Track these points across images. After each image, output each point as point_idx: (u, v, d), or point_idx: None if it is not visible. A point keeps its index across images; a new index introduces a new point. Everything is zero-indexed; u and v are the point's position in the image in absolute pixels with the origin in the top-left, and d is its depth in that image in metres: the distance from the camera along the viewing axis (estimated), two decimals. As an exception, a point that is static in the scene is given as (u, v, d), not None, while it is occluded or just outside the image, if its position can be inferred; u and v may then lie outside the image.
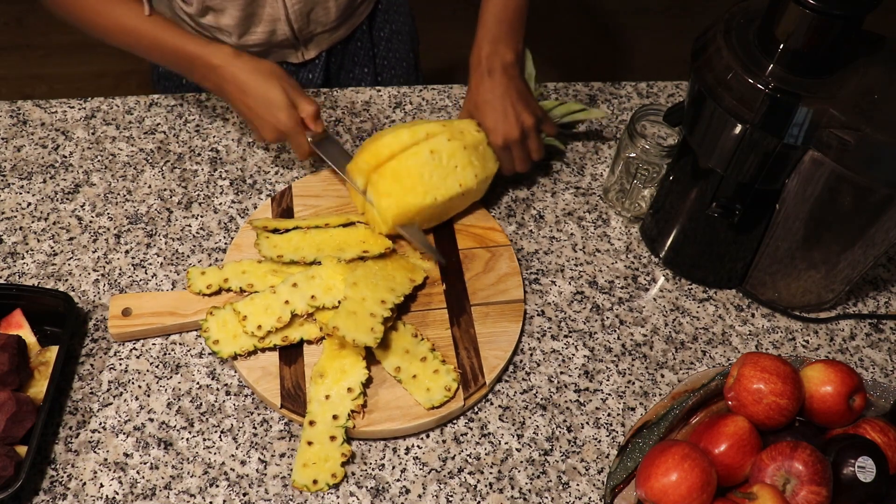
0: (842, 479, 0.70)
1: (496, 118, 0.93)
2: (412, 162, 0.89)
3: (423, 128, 0.91)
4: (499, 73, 0.93)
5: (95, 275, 0.91)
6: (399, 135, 0.90)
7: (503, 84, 0.93)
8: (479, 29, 0.95)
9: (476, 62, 0.94)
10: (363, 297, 0.83)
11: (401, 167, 0.89)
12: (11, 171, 1.00)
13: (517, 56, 0.95)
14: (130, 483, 0.77)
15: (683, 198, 0.89)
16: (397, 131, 0.91)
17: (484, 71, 0.93)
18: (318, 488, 0.76)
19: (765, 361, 0.75)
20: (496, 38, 0.94)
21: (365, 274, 0.85)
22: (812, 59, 0.73)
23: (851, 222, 0.80)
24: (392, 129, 0.92)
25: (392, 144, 0.90)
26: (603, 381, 0.87)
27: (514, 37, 0.95)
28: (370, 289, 0.84)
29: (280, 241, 0.90)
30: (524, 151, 0.95)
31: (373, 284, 0.84)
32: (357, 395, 0.80)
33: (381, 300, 0.83)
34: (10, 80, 2.33)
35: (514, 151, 0.94)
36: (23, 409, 0.76)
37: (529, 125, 0.93)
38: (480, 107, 0.94)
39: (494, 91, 0.93)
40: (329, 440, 0.78)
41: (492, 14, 0.95)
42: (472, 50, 0.95)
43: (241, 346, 0.82)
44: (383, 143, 0.90)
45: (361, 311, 0.81)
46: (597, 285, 0.94)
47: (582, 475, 0.80)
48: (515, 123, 0.92)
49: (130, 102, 1.08)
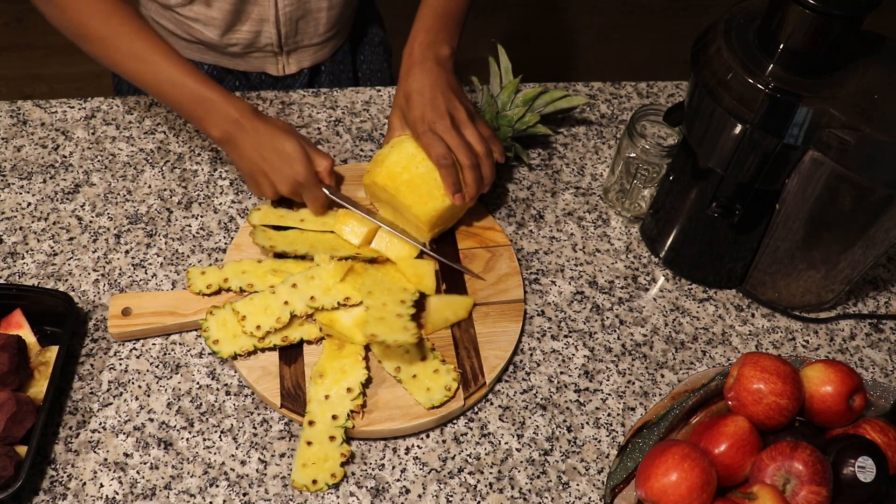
0: (842, 479, 0.70)
1: (424, 105, 0.88)
2: (423, 169, 0.88)
3: (405, 147, 0.90)
4: (431, 63, 0.90)
5: (95, 275, 0.91)
6: (404, 149, 0.90)
7: (435, 73, 0.89)
8: (416, 21, 0.94)
9: (409, 52, 0.92)
10: (383, 303, 0.82)
11: (413, 178, 0.88)
12: (11, 171, 1.00)
13: (452, 52, 0.93)
14: (130, 483, 0.77)
15: (683, 198, 0.89)
16: (401, 146, 0.90)
17: (416, 61, 0.90)
18: (317, 488, 0.76)
19: (765, 361, 0.75)
20: (432, 29, 0.92)
21: (373, 281, 0.85)
22: (812, 59, 0.73)
23: (851, 222, 0.80)
24: (393, 145, 0.92)
25: (402, 161, 0.89)
26: (603, 381, 0.87)
27: (451, 32, 0.93)
28: (385, 293, 0.84)
29: (275, 235, 0.91)
30: (465, 152, 0.86)
31: (386, 289, 0.84)
32: (356, 395, 0.80)
33: (400, 300, 0.83)
34: (10, 80, 2.33)
35: (454, 149, 0.86)
36: (23, 409, 0.76)
37: (462, 118, 0.88)
38: (410, 97, 0.89)
39: (424, 80, 0.89)
40: (328, 440, 0.78)
41: (430, 7, 0.94)
42: (408, 40, 0.93)
43: (240, 346, 0.82)
44: (393, 161, 0.89)
45: (388, 315, 0.81)
46: (597, 285, 0.94)
47: (582, 475, 0.80)
48: (444, 112, 0.87)
49: (130, 102, 1.08)
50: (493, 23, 2.48)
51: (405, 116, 0.91)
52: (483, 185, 0.89)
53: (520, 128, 1.00)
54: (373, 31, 1.26)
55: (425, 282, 0.87)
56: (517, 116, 0.99)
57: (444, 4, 0.94)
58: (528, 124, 1.00)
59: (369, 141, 1.06)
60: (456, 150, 0.87)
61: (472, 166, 0.87)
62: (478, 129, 0.89)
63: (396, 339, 0.78)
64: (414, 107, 0.88)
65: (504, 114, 0.99)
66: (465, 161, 0.87)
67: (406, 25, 0.96)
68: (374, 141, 1.06)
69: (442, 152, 0.86)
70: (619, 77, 1.22)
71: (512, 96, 1.01)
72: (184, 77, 0.89)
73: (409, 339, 0.78)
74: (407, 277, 0.88)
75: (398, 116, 0.93)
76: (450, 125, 0.87)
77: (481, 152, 0.88)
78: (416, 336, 0.79)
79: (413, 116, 0.88)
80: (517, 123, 0.99)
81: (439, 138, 0.86)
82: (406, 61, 0.92)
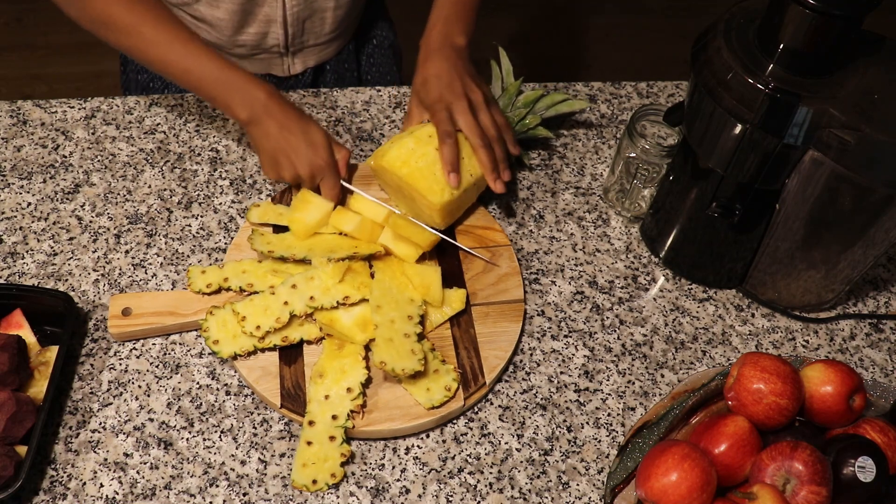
0: (842, 479, 0.70)
1: (441, 87, 0.90)
2: (423, 164, 0.89)
3: (425, 130, 0.91)
4: (449, 50, 0.92)
5: (95, 275, 0.91)
6: (404, 143, 0.90)
7: (452, 59, 0.92)
8: (433, 10, 0.96)
9: (426, 41, 0.94)
10: (391, 320, 0.83)
11: (413, 172, 0.89)
12: (11, 171, 1.00)
13: (469, 41, 0.95)
14: (130, 483, 0.77)
15: (683, 198, 0.89)
16: (402, 141, 0.91)
17: (434, 48, 0.92)
18: (317, 488, 0.76)
19: (765, 361, 0.75)
20: (449, 19, 0.94)
21: (382, 292, 0.85)
22: (812, 59, 0.73)
23: (851, 222, 0.80)
24: (394, 140, 0.92)
25: (402, 155, 0.90)
26: (603, 381, 0.87)
27: (467, 22, 0.95)
28: (394, 307, 0.84)
29: (273, 239, 0.91)
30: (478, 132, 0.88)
31: (394, 301, 0.84)
32: (356, 396, 0.80)
33: (407, 316, 0.83)
34: (10, 80, 2.33)
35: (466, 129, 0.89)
36: (23, 409, 0.76)
37: (478, 100, 0.90)
38: (428, 81, 0.91)
39: (442, 66, 0.91)
40: (328, 440, 0.78)
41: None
42: (425, 30, 0.95)
43: (240, 347, 0.82)
44: (394, 156, 0.90)
45: (396, 335, 0.81)
46: (597, 285, 0.94)
47: (582, 475, 0.80)
48: (461, 94, 0.89)
49: (130, 102, 1.08)
50: (494, 22, 2.48)
51: (423, 100, 0.92)
52: (499, 168, 0.91)
53: (520, 130, 1.00)
54: (381, 34, 1.26)
55: (432, 291, 0.86)
56: (518, 118, 0.99)
57: None
58: (529, 126, 1.00)
59: (369, 141, 1.06)
60: (468, 130, 0.89)
61: (484, 146, 0.89)
62: (492, 115, 0.91)
63: (405, 367, 0.78)
64: (431, 89, 0.90)
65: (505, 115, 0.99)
66: (477, 141, 0.89)
67: (416, 28, 0.97)
68: (374, 141, 1.06)
69: (447, 129, 0.88)
70: (619, 77, 1.22)
71: (513, 98, 1.01)
72: (209, 62, 0.90)
73: (417, 367, 0.79)
74: (414, 286, 0.87)
75: (416, 102, 0.95)
76: (466, 107, 0.89)
77: (493, 135, 0.90)
78: (421, 363, 0.80)
79: (431, 98, 0.90)
80: (518, 125, 1.00)
81: (450, 117, 0.88)
82: (424, 49, 0.94)
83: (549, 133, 1.02)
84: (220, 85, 0.90)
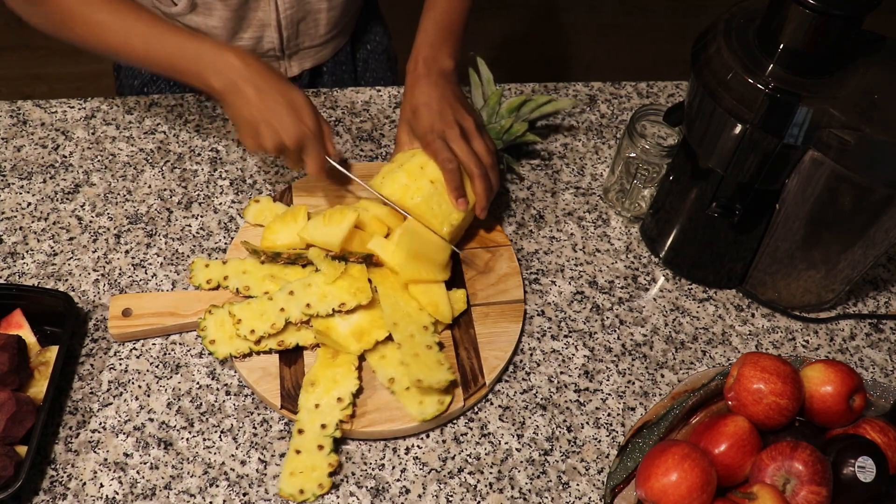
0: (842, 479, 0.70)
1: (432, 117, 0.88)
2: (419, 199, 0.86)
3: (415, 161, 0.89)
4: (436, 76, 0.90)
5: (95, 275, 0.91)
6: (397, 179, 0.88)
7: (441, 86, 0.90)
8: (418, 34, 0.94)
9: (413, 67, 0.92)
10: (411, 335, 0.82)
11: (411, 210, 0.87)
12: (11, 171, 1.00)
13: (456, 65, 0.93)
14: (130, 483, 0.77)
15: (683, 198, 0.89)
16: (393, 176, 0.88)
17: (421, 73, 0.90)
18: (304, 498, 0.75)
19: (765, 361, 0.75)
20: (435, 43, 0.92)
21: (392, 308, 0.83)
22: (812, 59, 0.73)
23: (851, 222, 0.80)
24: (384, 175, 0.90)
25: (397, 192, 0.87)
26: (603, 381, 0.87)
27: (453, 44, 0.93)
28: (408, 321, 0.83)
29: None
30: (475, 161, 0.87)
31: (406, 315, 0.83)
32: (346, 406, 0.79)
33: (423, 327, 0.83)
34: (10, 80, 2.33)
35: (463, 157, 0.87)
36: (23, 409, 0.76)
37: (470, 127, 0.89)
38: (418, 110, 0.89)
39: (431, 93, 0.89)
40: (317, 449, 0.77)
41: (432, 21, 0.94)
42: (411, 54, 0.93)
43: (236, 348, 0.82)
44: (388, 194, 0.88)
45: (420, 349, 0.81)
46: (597, 285, 0.94)
47: (582, 475, 0.80)
48: (453, 122, 0.87)
49: (130, 102, 1.08)
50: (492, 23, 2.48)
51: (413, 129, 0.90)
52: (491, 194, 0.90)
53: (509, 139, 0.98)
54: (376, 38, 1.26)
55: (441, 309, 0.85)
56: (505, 128, 0.97)
57: (446, 18, 0.94)
58: (517, 134, 0.98)
59: (369, 141, 1.06)
60: (465, 159, 0.87)
61: (482, 175, 0.87)
62: (485, 141, 0.90)
63: (439, 378, 0.78)
64: (422, 119, 0.88)
65: (491, 126, 0.98)
66: (475, 170, 0.87)
67: (409, 27, 0.96)
68: (374, 141, 1.06)
69: (447, 156, 0.86)
70: (619, 77, 1.22)
71: (496, 107, 0.99)
72: (172, 36, 0.85)
73: (450, 377, 0.79)
74: (422, 305, 0.85)
75: (406, 131, 0.93)
76: (459, 134, 0.87)
77: (489, 163, 0.89)
78: (454, 373, 0.80)
79: (422, 127, 0.88)
80: (505, 135, 0.98)
81: (446, 145, 0.87)
82: (411, 76, 0.92)
83: (536, 137, 1.00)
84: (188, 57, 0.85)
